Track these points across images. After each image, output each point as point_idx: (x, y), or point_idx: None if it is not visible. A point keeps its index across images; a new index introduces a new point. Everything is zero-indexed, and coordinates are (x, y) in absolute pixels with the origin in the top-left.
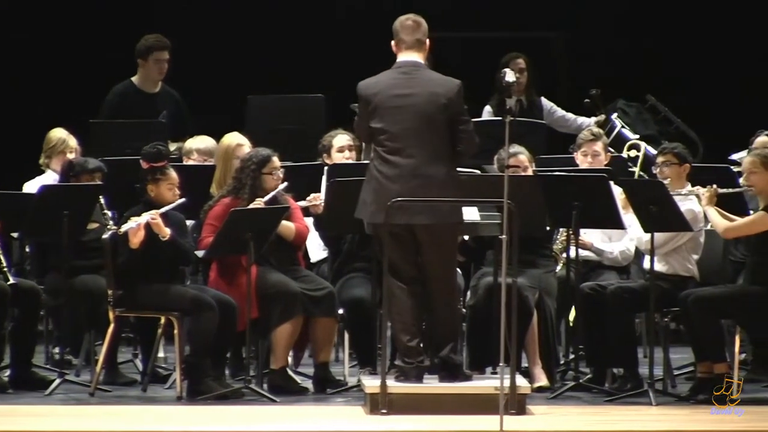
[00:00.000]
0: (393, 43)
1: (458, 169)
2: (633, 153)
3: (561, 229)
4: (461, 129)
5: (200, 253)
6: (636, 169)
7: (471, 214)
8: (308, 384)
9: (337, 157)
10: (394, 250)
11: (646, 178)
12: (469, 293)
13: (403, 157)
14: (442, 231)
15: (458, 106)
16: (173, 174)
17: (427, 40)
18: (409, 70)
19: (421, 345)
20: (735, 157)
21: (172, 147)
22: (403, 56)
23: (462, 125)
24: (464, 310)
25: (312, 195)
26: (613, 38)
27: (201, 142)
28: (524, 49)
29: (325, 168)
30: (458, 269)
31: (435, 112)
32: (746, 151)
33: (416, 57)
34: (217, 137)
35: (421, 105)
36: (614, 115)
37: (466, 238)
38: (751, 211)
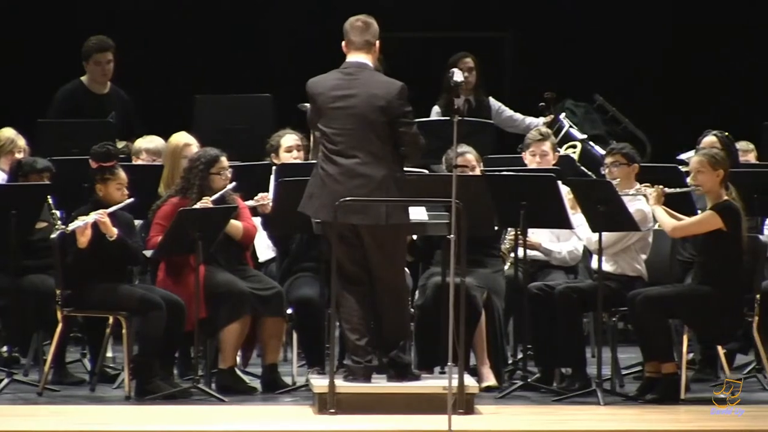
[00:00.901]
0: (343, 43)
1: (405, 169)
2: (571, 151)
3: (509, 229)
4: (402, 131)
5: (148, 253)
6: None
7: (419, 213)
8: (256, 384)
9: (285, 157)
10: (340, 249)
11: (594, 177)
12: (417, 293)
13: (344, 158)
14: (384, 232)
15: (399, 108)
16: (122, 174)
17: (377, 42)
18: (354, 71)
19: (370, 345)
20: (683, 157)
21: (120, 146)
22: (351, 57)
23: (403, 127)
24: (412, 309)
25: (260, 195)
26: (562, 38)
27: (149, 141)
28: (473, 48)
29: (273, 168)
30: (406, 269)
31: (374, 113)
32: (694, 151)
33: (364, 58)
34: (166, 137)
35: (360, 107)
36: (562, 115)
37: (415, 237)
38: (699, 211)
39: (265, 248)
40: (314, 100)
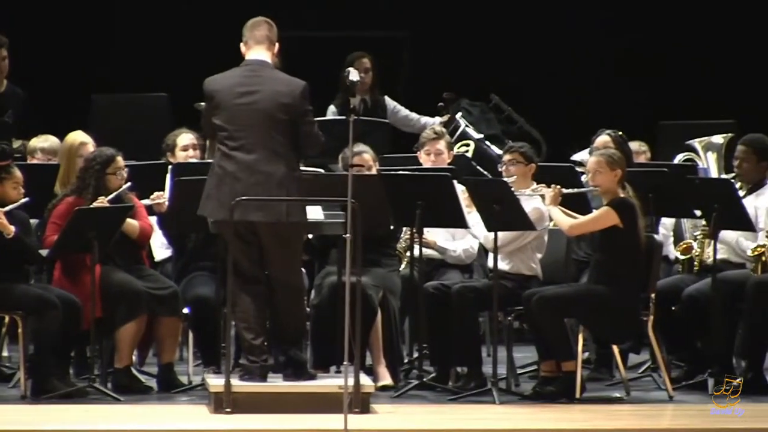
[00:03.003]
0: (242, 42)
1: (302, 168)
2: (464, 150)
3: (405, 228)
4: (304, 129)
5: (44, 252)
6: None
7: (315, 213)
8: (152, 383)
9: (181, 156)
10: (237, 248)
11: (489, 177)
12: (313, 292)
13: (244, 154)
14: (283, 230)
15: (301, 107)
16: (18, 173)
17: (277, 42)
18: (255, 68)
19: (266, 344)
20: (577, 157)
21: (16, 145)
22: (252, 54)
23: (305, 125)
24: (308, 309)
25: (156, 193)
26: (458, 38)
27: (45, 141)
28: (369, 48)
29: (169, 167)
30: (302, 268)
31: (277, 111)
32: (587, 150)
33: (265, 56)
34: (62, 136)
35: (264, 104)
36: (458, 115)
37: (311, 236)
38: (595, 210)
39: (161, 247)
40: (212, 97)
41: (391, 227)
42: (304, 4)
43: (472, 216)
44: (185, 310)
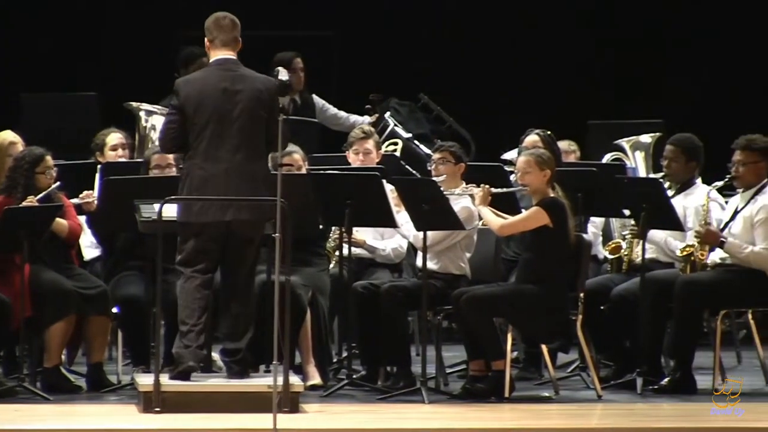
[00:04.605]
0: (206, 40)
1: None
2: (392, 149)
3: (334, 228)
4: (275, 127)
5: None
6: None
7: None
8: (82, 382)
9: (110, 155)
10: (203, 242)
11: (418, 176)
12: None
13: (229, 154)
14: (259, 227)
15: (276, 104)
16: None
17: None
18: (232, 67)
19: (203, 335)
20: (506, 156)
21: None
22: (220, 54)
23: (275, 123)
24: None
25: (85, 192)
26: (386, 37)
27: None
28: (296, 47)
29: (99, 166)
30: None
31: (259, 108)
32: (517, 150)
33: (232, 55)
34: None
35: (248, 102)
36: (387, 114)
37: None
38: (524, 210)
39: (90, 247)
40: (189, 100)
41: (321, 227)
42: (229, 3)
43: (402, 215)
44: (114, 310)
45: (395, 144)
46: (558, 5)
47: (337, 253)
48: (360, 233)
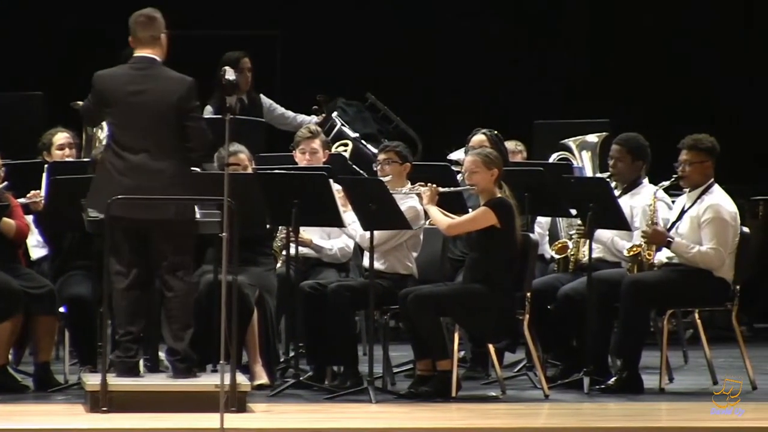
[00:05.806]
0: (130, 38)
1: None
2: (342, 149)
3: (281, 227)
4: (191, 126)
5: None
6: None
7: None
8: (29, 382)
9: (57, 155)
10: (123, 242)
11: (365, 176)
12: None
13: (134, 153)
14: (172, 226)
15: (189, 103)
16: None
17: (163, 36)
18: (144, 66)
19: (137, 341)
20: (453, 156)
21: None
22: (139, 52)
23: (191, 122)
24: None
25: (32, 192)
26: (333, 37)
27: None
28: (239, 46)
29: (46, 166)
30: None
31: (166, 109)
32: (463, 149)
33: (151, 53)
34: None
35: (153, 102)
36: (334, 114)
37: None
38: (471, 209)
39: (37, 246)
40: (102, 95)
41: (267, 226)
42: (173, 3)
43: (348, 215)
44: (61, 309)
45: (345, 145)
46: (504, 3)
47: (284, 252)
48: (307, 233)
